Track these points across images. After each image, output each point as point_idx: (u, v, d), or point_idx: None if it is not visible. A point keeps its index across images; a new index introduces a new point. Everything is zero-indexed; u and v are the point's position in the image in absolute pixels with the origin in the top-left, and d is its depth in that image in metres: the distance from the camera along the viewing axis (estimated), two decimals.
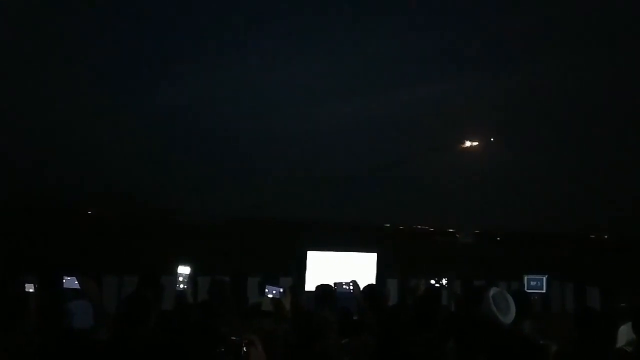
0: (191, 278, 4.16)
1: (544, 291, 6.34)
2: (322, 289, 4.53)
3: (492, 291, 3.09)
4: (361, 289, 4.57)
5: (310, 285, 7.02)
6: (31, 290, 3.87)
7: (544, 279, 6.33)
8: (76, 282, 4.02)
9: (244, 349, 1.96)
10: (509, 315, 3.04)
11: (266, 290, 4.58)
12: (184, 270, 4.06)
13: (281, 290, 4.59)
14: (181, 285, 4.04)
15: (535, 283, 6.26)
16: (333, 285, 4.57)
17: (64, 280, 4.25)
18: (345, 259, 7.54)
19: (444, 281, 4.64)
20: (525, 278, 6.31)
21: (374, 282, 6.56)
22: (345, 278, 4.69)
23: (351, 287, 4.54)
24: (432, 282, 4.66)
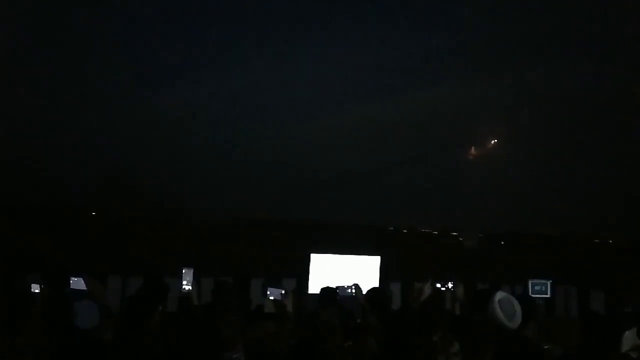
0: (195, 279, 4.16)
1: (548, 296, 6.31)
2: (326, 291, 4.53)
3: (499, 295, 3.07)
4: (364, 292, 4.56)
5: (313, 288, 7.01)
6: (37, 290, 3.90)
7: (548, 283, 6.30)
8: (83, 283, 4.04)
9: None
10: (515, 320, 3.02)
11: (268, 292, 4.58)
12: (187, 271, 4.07)
13: (282, 292, 4.59)
14: (185, 287, 4.04)
15: (539, 288, 6.23)
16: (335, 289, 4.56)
17: (71, 281, 4.27)
18: (349, 262, 7.54)
19: (450, 285, 4.61)
20: (530, 283, 6.28)
21: (378, 286, 6.54)
22: (347, 281, 4.68)
23: (353, 291, 4.53)
24: (438, 285, 4.64)
